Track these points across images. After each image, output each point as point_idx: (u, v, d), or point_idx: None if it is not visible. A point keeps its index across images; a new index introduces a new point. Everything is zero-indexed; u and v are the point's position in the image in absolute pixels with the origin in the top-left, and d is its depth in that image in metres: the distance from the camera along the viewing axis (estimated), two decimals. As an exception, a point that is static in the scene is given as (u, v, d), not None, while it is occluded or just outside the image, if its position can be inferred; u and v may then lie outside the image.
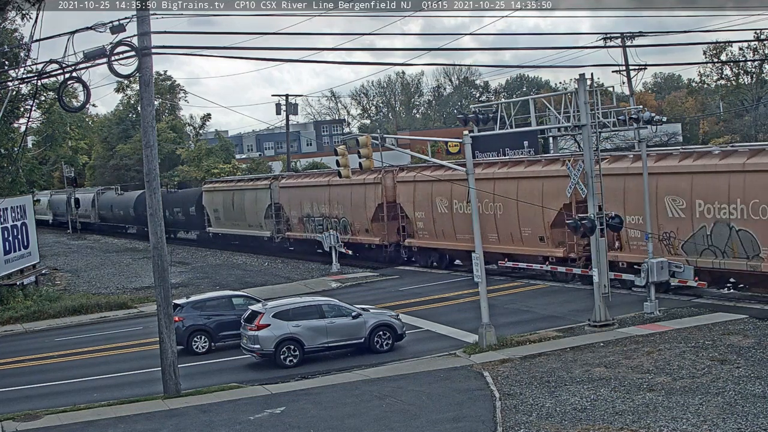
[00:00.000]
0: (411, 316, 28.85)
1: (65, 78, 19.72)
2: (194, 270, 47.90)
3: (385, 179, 42.76)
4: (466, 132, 25.68)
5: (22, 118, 42.93)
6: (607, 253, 26.14)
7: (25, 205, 40.62)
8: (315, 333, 23.74)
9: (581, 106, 25.41)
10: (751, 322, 23.73)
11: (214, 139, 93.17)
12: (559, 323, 26.15)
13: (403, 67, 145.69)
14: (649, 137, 42.70)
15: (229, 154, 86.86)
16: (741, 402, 16.60)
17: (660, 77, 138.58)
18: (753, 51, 75.58)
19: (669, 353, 20.94)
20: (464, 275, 36.73)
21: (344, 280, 39.39)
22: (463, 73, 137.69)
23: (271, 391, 20.55)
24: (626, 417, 16.28)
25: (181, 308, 26.03)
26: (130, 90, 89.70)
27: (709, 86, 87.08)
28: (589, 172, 25.45)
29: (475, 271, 24.45)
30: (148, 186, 21.05)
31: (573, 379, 19.37)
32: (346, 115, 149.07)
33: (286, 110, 69.18)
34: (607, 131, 32.76)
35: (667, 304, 26.94)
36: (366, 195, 43.85)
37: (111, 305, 36.28)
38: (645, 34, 54.33)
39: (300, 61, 28.53)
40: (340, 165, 25.55)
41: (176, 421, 18.59)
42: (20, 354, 28.48)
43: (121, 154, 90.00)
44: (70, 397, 21.88)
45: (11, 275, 38.23)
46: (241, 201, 55.81)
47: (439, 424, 16.78)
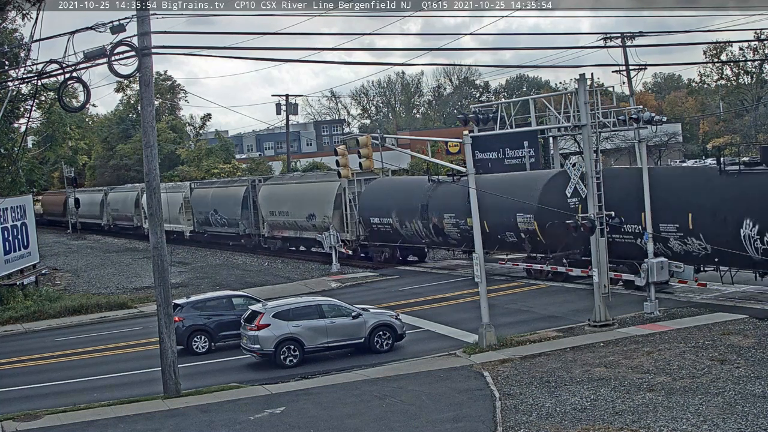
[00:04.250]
0: (411, 316, 28.84)
1: (65, 78, 19.70)
2: (194, 270, 47.88)
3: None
4: (466, 132, 25.69)
5: (22, 118, 42.96)
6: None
7: (25, 205, 40.62)
8: (315, 333, 23.74)
9: (581, 106, 25.42)
10: (751, 322, 23.74)
11: (214, 139, 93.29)
12: (559, 323, 26.16)
13: (403, 67, 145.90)
14: (649, 137, 42.76)
15: (229, 154, 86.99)
16: (741, 402, 16.60)
17: (660, 77, 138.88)
18: (753, 51, 75.65)
19: (669, 353, 20.94)
20: (464, 275, 36.73)
21: (344, 280, 39.38)
22: (463, 73, 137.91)
23: (271, 391, 20.54)
24: (626, 417, 16.28)
25: (181, 308, 26.03)
26: (130, 90, 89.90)
27: (709, 86, 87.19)
28: (589, 172, 25.46)
29: (475, 271, 24.46)
30: (148, 186, 21.04)
31: (573, 379, 19.37)
32: (346, 115, 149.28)
33: (286, 110, 69.28)
34: (607, 131, 32.82)
35: (667, 304, 26.95)
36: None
37: (111, 305, 36.25)
38: (645, 34, 54.51)
39: (300, 61, 28.61)
40: (340, 165, 25.55)
41: (176, 421, 18.59)
42: (20, 354, 28.47)
43: (121, 154, 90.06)
44: (70, 397, 21.86)
45: (11, 275, 38.20)
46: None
47: (439, 424, 16.78)
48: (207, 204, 59.03)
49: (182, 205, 62.34)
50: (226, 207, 56.13)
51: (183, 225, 62.71)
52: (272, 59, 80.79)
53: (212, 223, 58.39)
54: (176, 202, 63.44)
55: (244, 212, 54.16)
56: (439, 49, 60.67)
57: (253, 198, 53.87)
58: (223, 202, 56.76)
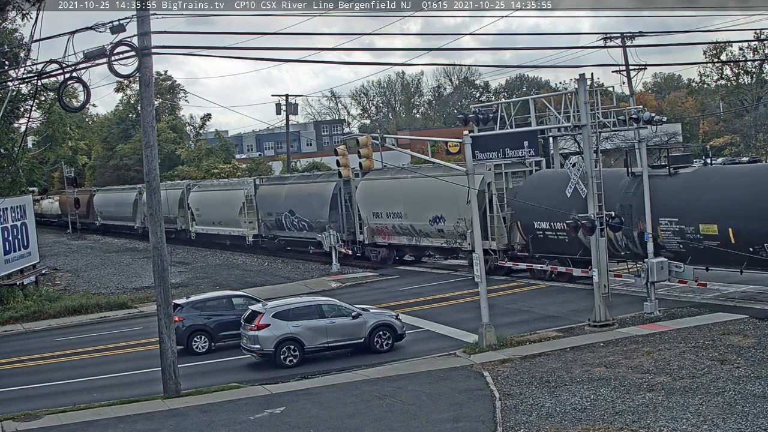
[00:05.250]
0: (411, 316, 28.84)
1: (65, 78, 19.70)
2: (194, 270, 47.88)
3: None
4: (466, 132, 25.73)
5: (22, 118, 42.94)
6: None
7: (25, 205, 40.63)
8: (315, 333, 23.73)
9: (581, 106, 25.43)
10: (751, 322, 23.73)
11: (214, 139, 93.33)
12: (559, 323, 26.16)
13: (403, 67, 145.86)
14: (649, 137, 42.74)
15: (229, 154, 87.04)
16: (741, 402, 16.59)
17: (660, 77, 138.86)
18: (753, 51, 75.64)
19: (669, 353, 20.94)
20: (464, 275, 36.71)
21: (344, 280, 39.38)
22: (463, 73, 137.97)
23: (271, 391, 20.54)
24: (626, 417, 16.28)
25: (181, 308, 26.03)
26: (130, 90, 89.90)
27: (709, 86, 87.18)
28: (589, 172, 25.46)
29: (475, 271, 24.46)
30: (148, 186, 21.04)
31: (573, 379, 19.37)
32: (346, 115, 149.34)
33: (286, 110, 69.31)
34: (607, 131, 32.85)
35: (667, 304, 26.95)
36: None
37: (111, 305, 36.26)
38: (645, 34, 54.59)
39: (300, 61, 28.70)
40: (340, 165, 25.56)
41: (176, 421, 18.59)
42: (20, 354, 28.46)
43: (121, 154, 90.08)
44: (70, 397, 21.86)
45: (11, 275, 38.21)
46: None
47: (439, 424, 16.78)
48: (278, 204, 50.02)
49: (243, 205, 52.91)
50: (307, 207, 46.97)
51: (244, 228, 53.35)
52: (272, 59, 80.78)
53: (287, 226, 49.38)
54: (235, 201, 53.73)
55: (332, 214, 45.03)
56: (439, 49, 60.75)
57: (345, 196, 45.01)
58: (302, 202, 47.58)
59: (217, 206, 56.56)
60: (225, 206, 55.11)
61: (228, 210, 54.55)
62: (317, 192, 46.84)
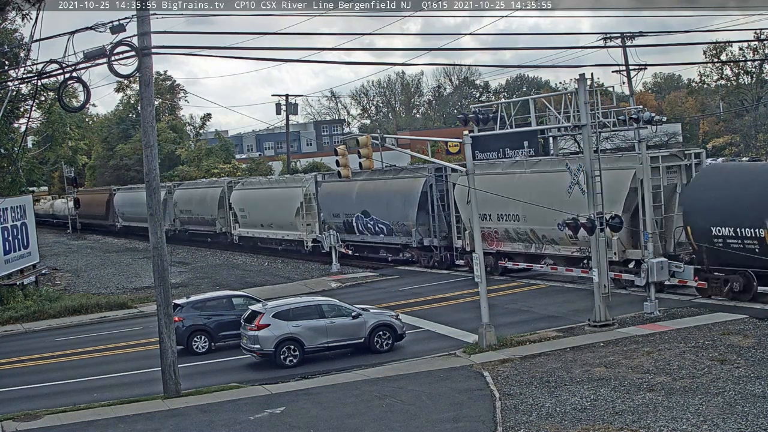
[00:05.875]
0: (411, 316, 28.84)
1: (65, 78, 19.72)
2: (194, 270, 47.89)
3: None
4: (466, 132, 25.72)
5: (22, 118, 42.97)
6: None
7: (25, 205, 40.64)
8: (315, 333, 23.73)
9: (581, 106, 25.41)
10: (751, 322, 23.73)
11: (214, 139, 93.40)
12: (559, 323, 26.16)
13: (403, 67, 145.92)
14: (649, 137, 42.75)
15: (229, 154, 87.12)
16: (741, 402, 16.59)
17: (660, 77, 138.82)
18: (753, 51, 75.58)
19: (669, 353, 20.94)
20: (464, 275, 36.70)
21: (344, 280, 39.37)
22: (463, 73, 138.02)
23: (271, 391, 20.54)
24: (626, 417, 16.28)
25: (181, 308, 26.03)
26: (130, 90, 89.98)
27: (709, 86, 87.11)
28: (589, 172, 25.45)
29: (475, 271, 24.45)
30: (148, 186, 21.03)
31: (573, 379, 19.37)
32: (346, 115, 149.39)
33: (286, 110, 69.31)
34: (607, 131, 32.79)
35: (667, 304, 26.95)
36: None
37: (111, 305, 36.27)
38: (645, 34, 54.58)
39: (300, 61, 28.72)
40: (340, 165, 25.54)
41: (176, 421, 18.59)
42: (20, 354, 28.47)
43: (121, 154, 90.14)
44: (70, 397, 21.86)
45: (11, 275, 38.22)
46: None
47: (439, 424, 16.78)
48: (348, 203, 43.92)
49: (302, 205, 47.01)
50: (388, 208, 40.98)
51: (301, 232, 47.23)
52: (272, 59, 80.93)
53: (358, 230, 43.79)
54: (291, 201, 47.44)
55: (420, 215, 39.36)
56: (439, 49, 60.86)
57: (437, 195, 39.05)
58: (380, 201, 41.48)
59: (267, 206, 50.02)
60: (277, 206, 48.70)
61: (281, 211, 48.27)
62: (402, 189, 40.49)
